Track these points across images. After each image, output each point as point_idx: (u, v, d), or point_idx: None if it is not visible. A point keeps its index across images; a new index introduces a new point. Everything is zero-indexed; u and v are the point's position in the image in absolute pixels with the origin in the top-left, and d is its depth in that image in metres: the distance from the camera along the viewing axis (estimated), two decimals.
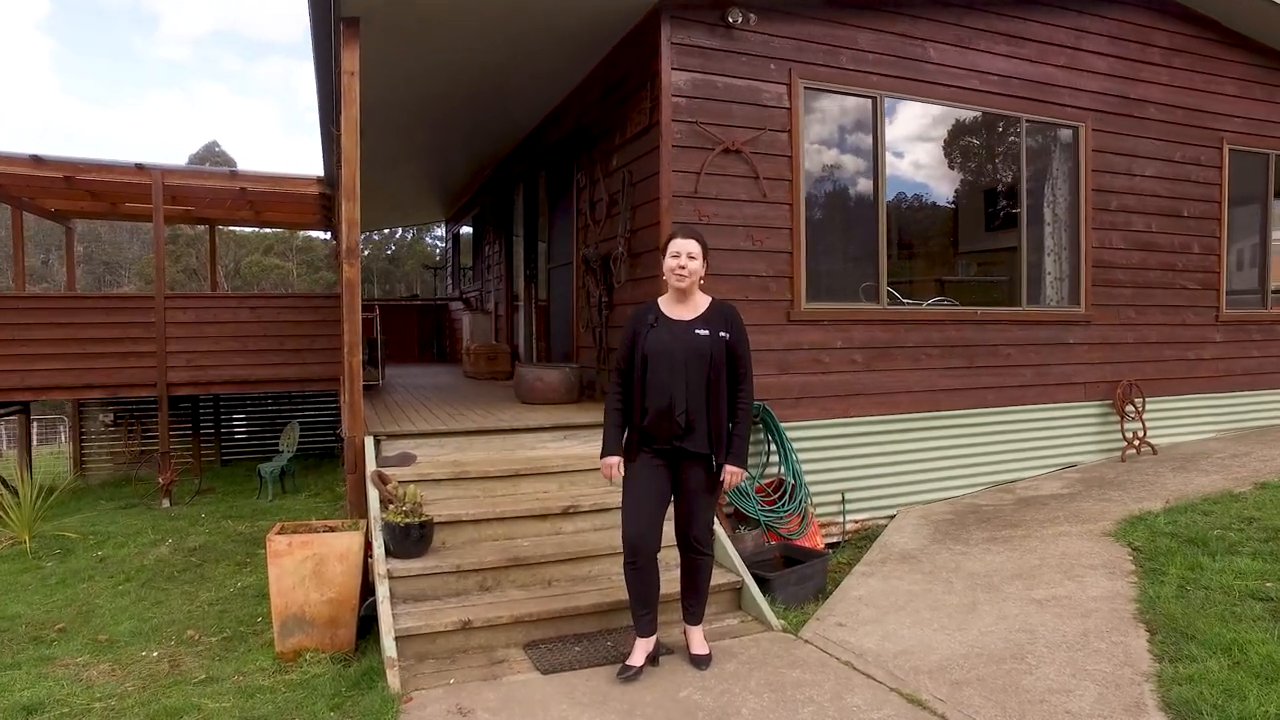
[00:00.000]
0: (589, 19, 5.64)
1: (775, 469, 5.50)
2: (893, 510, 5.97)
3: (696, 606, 3.67)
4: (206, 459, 11.50)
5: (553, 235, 8.39)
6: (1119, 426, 6.93)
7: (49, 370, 9.00)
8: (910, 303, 6.24)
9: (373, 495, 4.39)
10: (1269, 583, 3.96)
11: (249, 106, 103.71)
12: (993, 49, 6.32)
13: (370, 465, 4.65)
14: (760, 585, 4.28)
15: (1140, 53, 6.98)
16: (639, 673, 3.45)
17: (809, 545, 5.11)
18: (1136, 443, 6.89)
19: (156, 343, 9.13)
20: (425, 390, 7.96)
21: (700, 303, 3.58)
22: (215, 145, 38.49)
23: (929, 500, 6.14)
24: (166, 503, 8.77)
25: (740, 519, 5.18)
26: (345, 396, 4.98)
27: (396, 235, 39.08)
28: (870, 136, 5.96)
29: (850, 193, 6.04)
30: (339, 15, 4.75)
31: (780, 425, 5.49)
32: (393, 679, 3.41)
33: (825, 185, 5.94)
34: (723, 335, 3.50)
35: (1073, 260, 6.82)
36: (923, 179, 6.40)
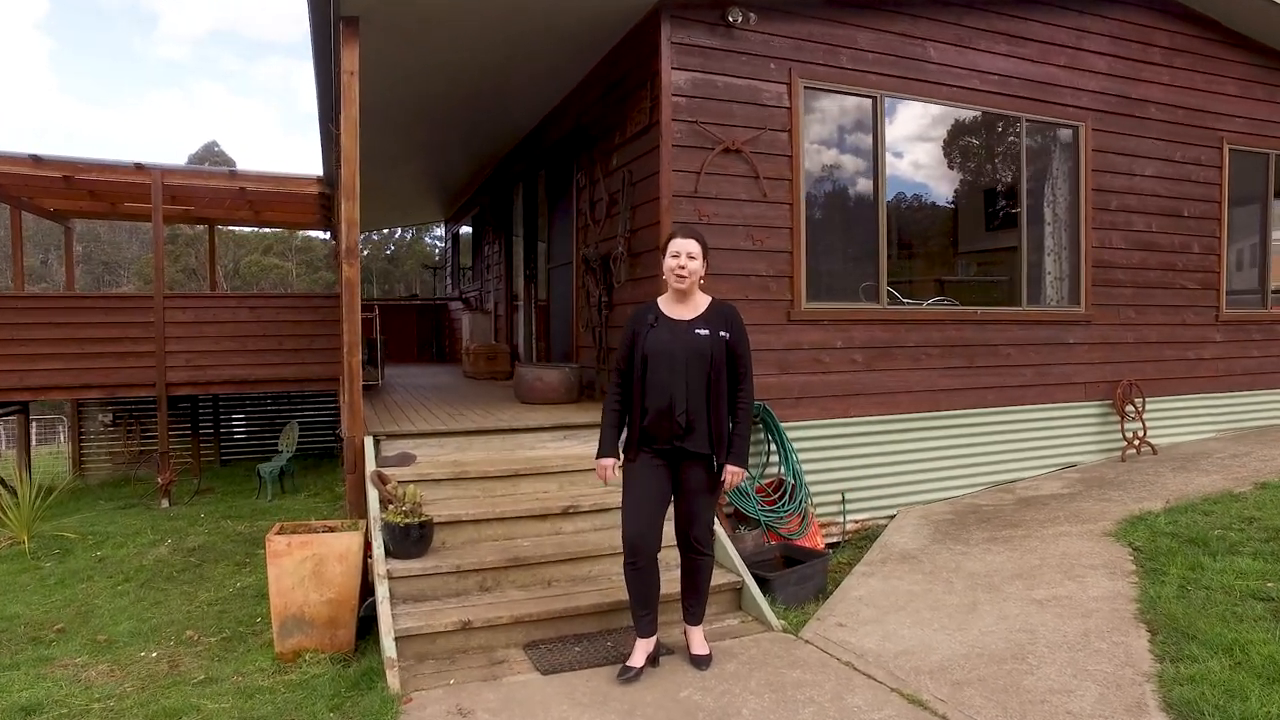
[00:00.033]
0: (589, 18, 5.63)
1: (775, 469, 5.50)
2: (893, 510, 5.97)
3: (697, 607, 3.66)
4: (206, 459, 11.49)
5: (552, 235, 8.38)
6: (1119, 426, 6.93)
7: (48, 370, 8.99)
8: (910, 302, 6.24)
9: (372, 495, 4.38)
10: (1270, 583, 3.95)
11: (248, 106, 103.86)
12: (993, 48, 6.32)
13: (370, 465, 4.64)
14: (760, 585, 4.27)
15: (1141, 52, 6.97)
16: (639, 674, 3.44)
17: (809, 545, 5.10)
18: (1136, 443, 6.89)
19: (155, 342, 9.12)
20: (425, 390, 7.95)
21: (700, 302, 3.57)
22: (214, 145, 38.52)
23: (929, 500, 6.13)
24: (165, 503, 8.76)
25: (740, 519, 5.18)
26: (345, 396, 4.97)
27: (396, 235, 39.09)
28: (870, 136, 5.96)
29: (850, 192, 6.04)
30: (338, 14, 4.74)
31: (780, 425, 5.48)
32: (392, 679, 3.40)
33: (825, 185, 5.93)
34: (723, 335, 3.49)
35: (1073, 260, 6.82)
36: (923, 179, 6.39)
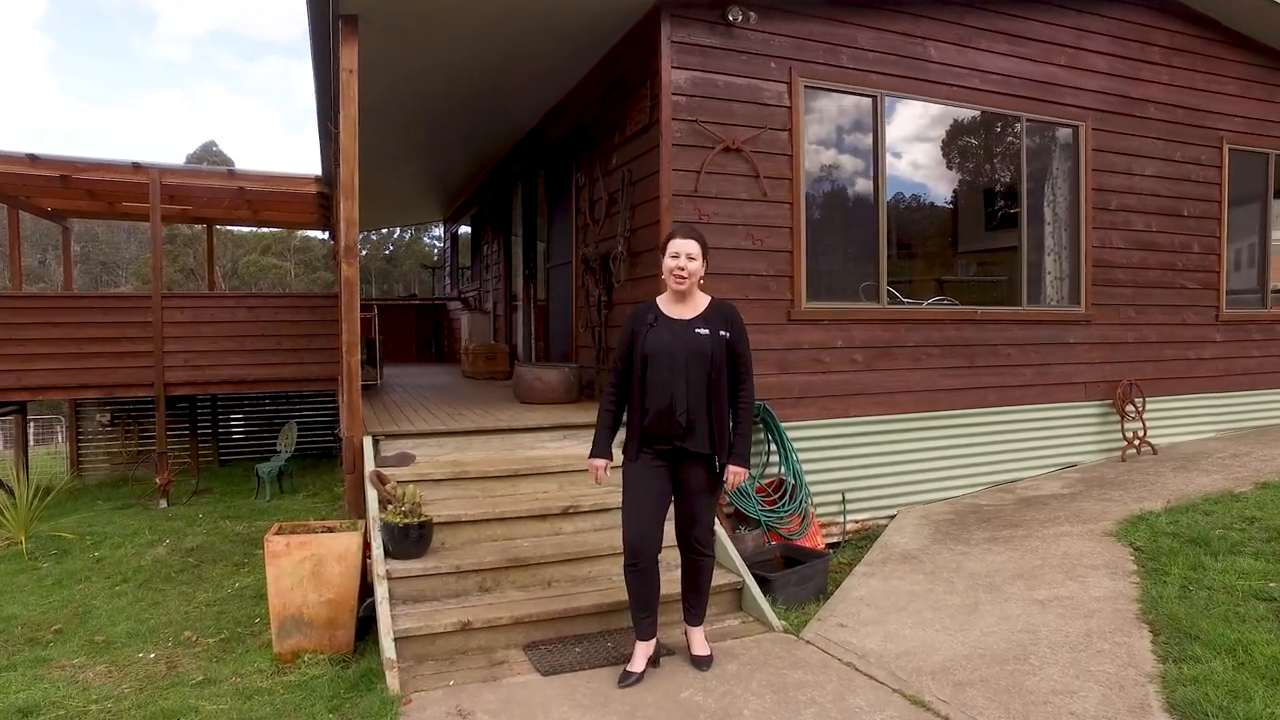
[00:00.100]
0: (589, 18, 5.62)
1: (776, 469, 5.48)
2: (893, 510, 5.95)
3: (698, 607, 3.65)
4: (204, 459, 11.47)
5: (551, 234, 8.37)
6: (1119, 426, 6.92)
7: (46, 370, 8.97)
8: (910, 302, 6.23)
9: (371, 495, 4.37)
10: (1272, 583, 3.94)
11: (247, 106, 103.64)
12: (994, 48, 6.31)
13: (369, 465, 4.63)
14: (761, 586, 4.26)
15: (1141, 52, 6.97)
16: (641, 678, 3.42)
17: (810, 545, 5.09)
18: (1137, 442, 6.88)
19: (154, 342, 9.11)
20: (424, 390, 7.93)
21: (700, 302, 3.56)
22: (213, 145, 38.42)
23: (929, 500, 6.12)
24: (164, 503, 8.74)
25: (741, 519, 5.16)
26: (343, 396, 4.96)
27: (394, 235, 39.05)
28: (870, 135, 5.95)
29: (850, 192, 6.03)
30: (337, 13, 4.73)
31: (780, 425, 5.47)
32: (392, 680, 3.38)
33: (825, 184, 5.92)
34: (723, 334, 3.48)
35: (1073, 260, 6.81)
36: (923, 178, 6.38)
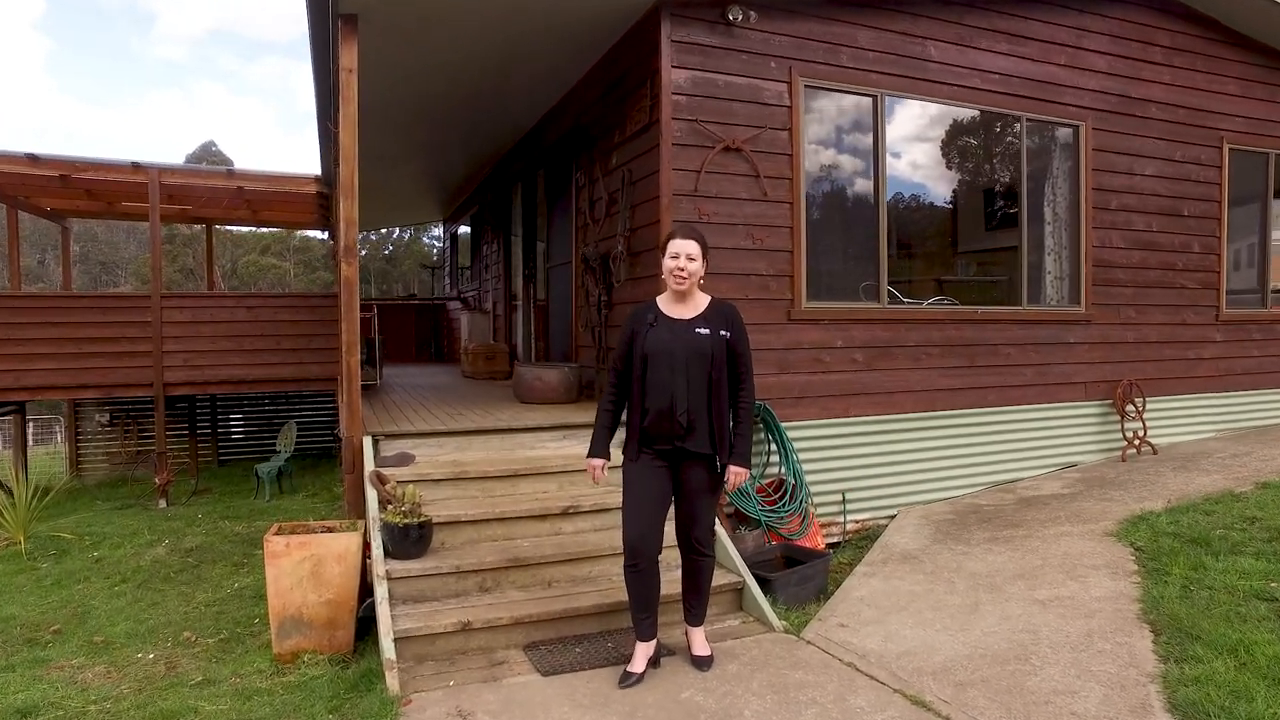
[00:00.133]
0: (589, 17, 5.61)
1: (776, 469, 5.48)
2: (893, 510, 5.95)
3: (698, 607, 3.64)
4: (203, 459, 11.46)
5: (551, 234, 8.36)
6: (1119, 426, 6.92)
7: (44, 370, 8.96)
8: (910, 302, 6.22)
9: (371, 495, 4.36)
10: (1273, 583, 3.94)
11: (246, 106, 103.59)
12: (994, 47, 6.30)
13: (368, 465, 4.62)
14: (761, 586, 4.25)
15: (1142, 52, 6.96)
16: (641, 679, 3.41)
17: (810, 545, 5.08)
18: (1137, 442, 6.87)
19: (153, 342, 9.10)
20: (423, 390, 7.93)
21: (700, 301, 3.55)
22: (212, 145, 38.39)
23: (929, 500, 6.12)
24: (163, 503, 8.73)
25: (741, 519, 5.16)
26: (343, 396, 4.95)
27: (394, 235, 39.04)
28: (871, 135, 5.94)
29: (850, 191, 6.02)
30: (336, 12, 4.72)
31: (781, 425, 5.46)
32: (392, 681, 3.37)
33: (825, 184, 5.92)
34: (723, 334, 3.47)
35: (1073, 259, 6.80)
36: (923, 178, 6.37)
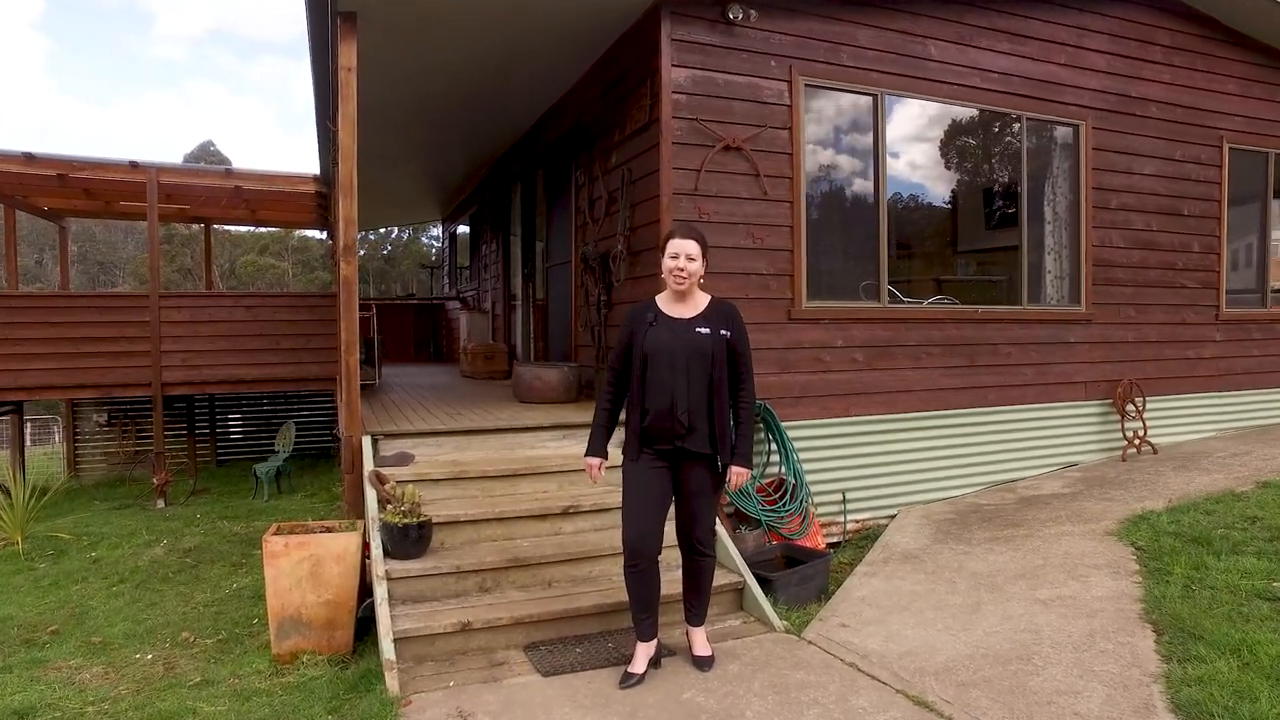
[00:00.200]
0: (589, 16, 5.60)
1: (776, 468, 5.47)
2: (894, 510, 5.94)
3: (699, 607, 3.63)
4: (202, 459, 11.44)
5: (550, 234, 8.34)
6: (1119, 426, 6.91)
7: (42, 370, 8.94)
8: (911, 301, 6.21)
9: (370, 495, 4.34)
10: (1275, 582, 3.93)
11: (245, 106, 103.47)
12: (994, 46, 6.29)
13: (368, 465, 4.60)
14: (762, 586, 4.24)
15: (1141, 51, 6.95)
16: (642, 679, 3.40)
17: (810, 545, 5.07)
18: (1137, 442, 6.87)
19: (151, 342, 9.07)
20: (422, 390, 7.91)
21: (700, 301, 3.53)
22: (210, 145, 38.28)
23: (930, 500, 6.11)
24: (161, 503, 8.70)
25: (741, 519, 5.15)
26: (342, 396, 4.93)
27: (392, 235, 39.01)
28: (871, 134, 5.93)
29: (851, 191, 6.01)
30: (335, 10, 4.71)
31: (781, 424, 5.45)
32: (391, 681, 3.36)
33: (825, 183, 5.90)
34: (724, 334, 3.46)
35: (1073, 259, 6.79)
36: (923, 178, 6.36)
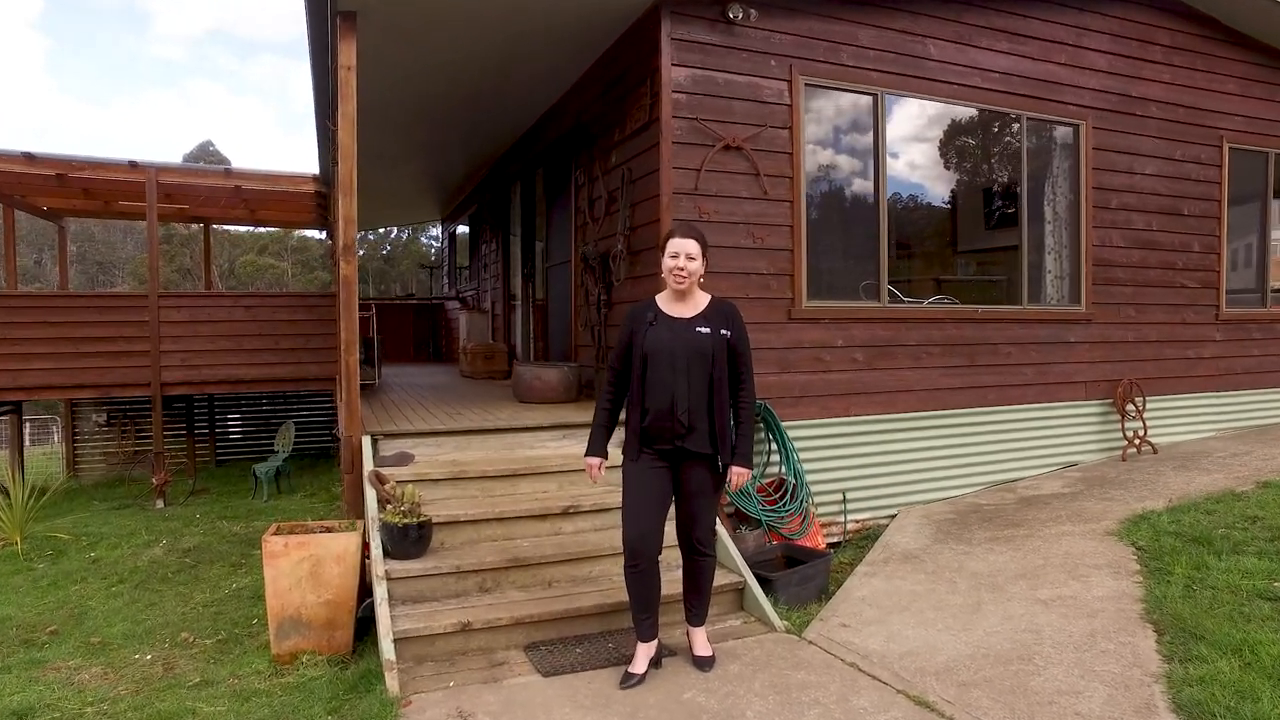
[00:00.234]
0: (588, 16, 5.59)
1: (776, 468, 5.46)
2: (894, 510, 5.93)
3: (699, 607, 3.62)
4: (201, 459, 11.43)
5: (550, 233, 8.34)
6: (1119, 425, 6.91)
7: (41, 370, 8.93)
8: (911, 301, 6.21)
9: (370, 495, 4.33)
10: (1276, 582, 3.93)
11: (244, 106, 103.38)
12: (994, 46, 6.29)
13: (367, 465, 4.59)
14: (763, 586, 4.23)
15: (1141, 51, 6.95)
16: (643, 680, 3.39)
17: (810, 545, 5.06)
18: (1137, 442, 6.86)
19: (150, 342, 9.06)
20: (422, 389, 7.90)
21: (700, 300, 3.53)
22: (210, 145, 38.26)
23: (930, 500, 6.10)
24: (160, 503, 8.69)
25: (741, 519, 5.14)
26: (342, 395, 4.93)
27: (391, 235, 39.00)
28: (871, 134, 5.92)
29: (851, 190, 6.00)
30: (335, 10, 4.70)
31: (781, 424, 5.44)
32: (391, 682, 3.35)
33: (825, 183, 5.90)
34: (724, 333, 3.45)
35: (1073, 259, 6.79)
36: (923, 178, 6.35)
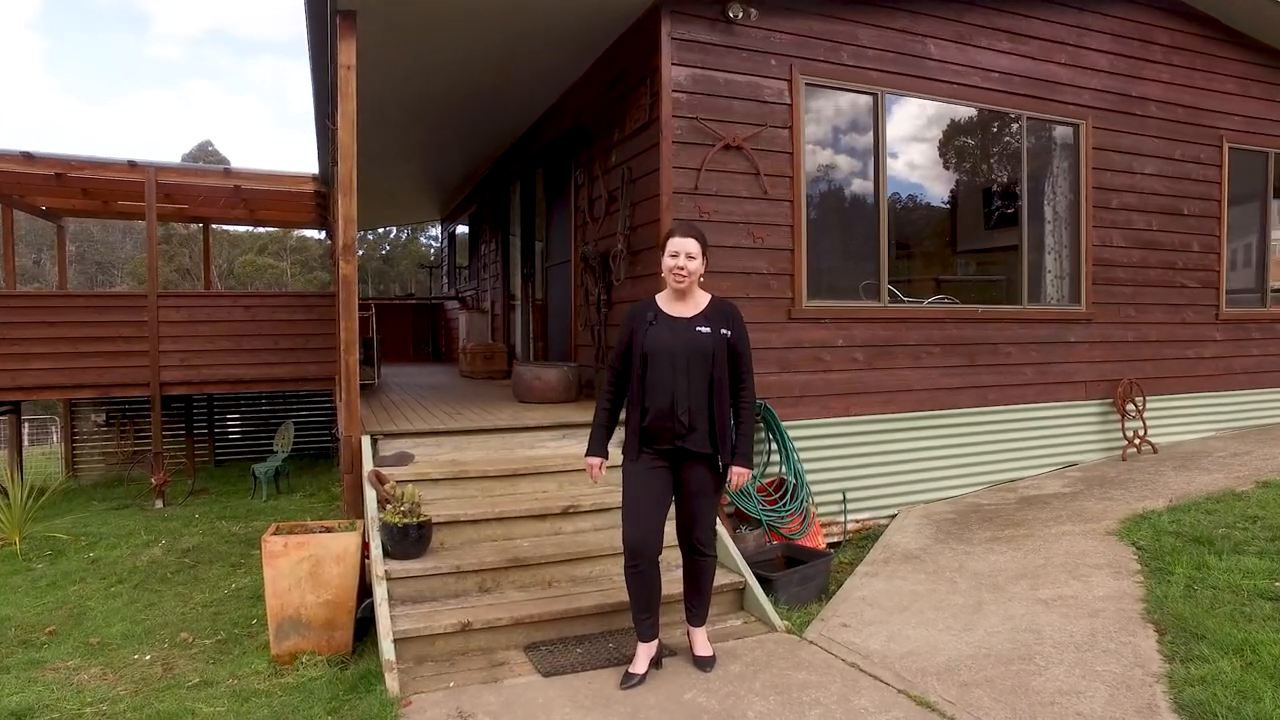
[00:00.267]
0: (588, 15, 5.58)
1: (777, 468, 5.45)
2: (894, 510, 5.93)
3: (700, 608, 3.62)
4: (200, 459, 11.42)
5: (550, 233, 8.33)
6: (1119, 425, 6.90)
7: (40, 370, 8.92)
8: (911, 301, 6.20)
9: (370, 495, 4.33)
10: (1277, 582, 3.92)
11: (242, 106, 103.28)
12: (994, 45, 6.29)
13: (367, 465, 4.58)
14: (763, 586, 4.23)
15: (1141, 50, 6.95)
16: (643, 680, 3.39)
17: (811, 545, 5.06)
18: (1137, 441, 6.86)
19: (149, 342, 9.05)
20: (421, 389, 7.89)
21: (700, 300, 3.52)
22: (209, 145, 38.27)
23: (930, 499, 6.10)
24: (159, 503, 8.68)
25: (741, 518, 5.13)
26: (341, 395, 4.92)
27: (391, 235, 38.99)
28: (871, 133, 5.92)
29: (851, 190, 6.00)
30: (335, 8, 4.69)
31: (781, 424, 5.44)
32: (391, 682, 3.34)
33: (826, 182, 5.89)
34: (724, 333, 3.44)
35: (1073, 258, 6.79)
36: (923, 177, 6.35)
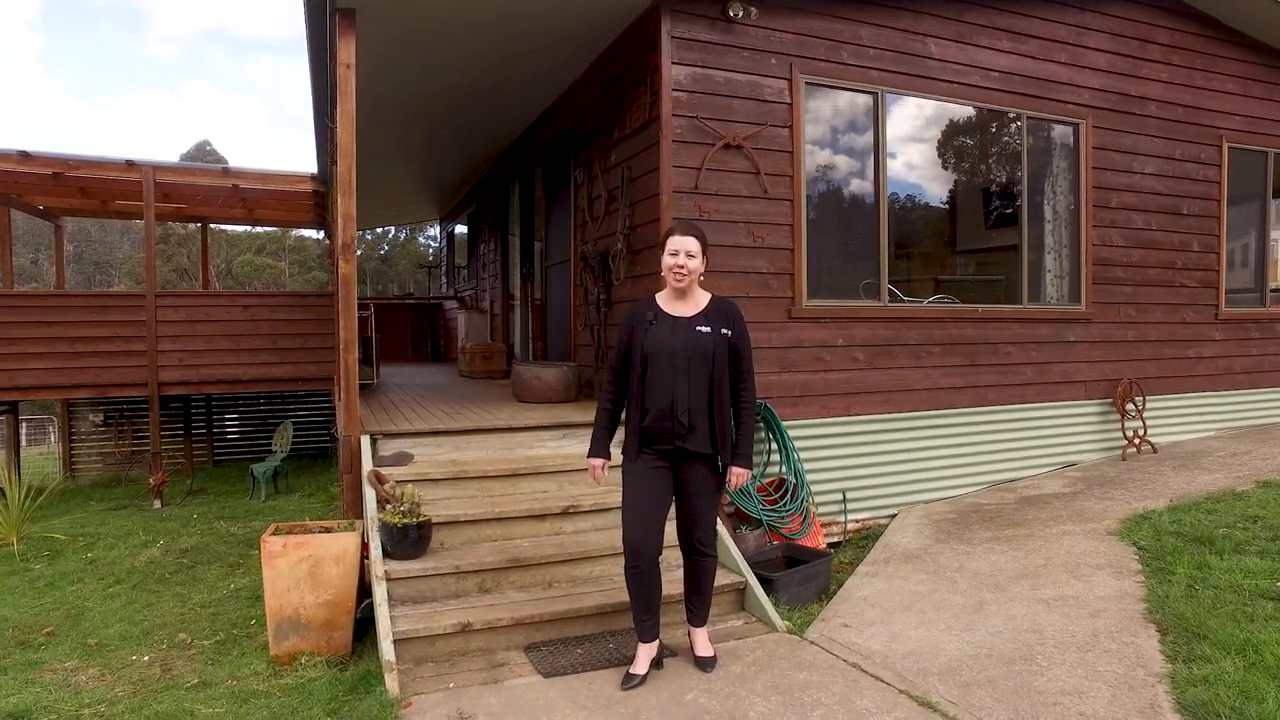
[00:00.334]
0: (588, 14, 5.57)
1: (777, 468, 5.44)
2: (894, 509, 5.92)
3: (700, 608, 3.60)
4: (198, 459, 11.41)
5: (549, 233, 8.32)
6: (1119, 425, 6.90)
7: (38, 370, 8.90)
8: (911, 301, 6.19)
9: (369, 495, 4.31)
10: (1279, 581, 3.92)
11: (241, 105, 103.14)
12: (994, 45, 6.28)
13: (366, 465, 4.57)
14: (764, 586, 4.22)
15: (1141, 50, 6.95)
16: (644, 680, 3.38)
17: (811, 545, 5.05)
18: (1137, 441, 6.86)
19: (147, 341, 9.03)
20: (421, 389, 7.88)
21: (700, 299, 3.51)
22: (207, 144, 38.20)
23: (930, 499, 6.09)
24: (158, 504, 8.66)
25: (742, 518, 5.12)
26: (340, 395, 4.90)
27: (389, 235, 38.94)
28: (871, 133, 5.91)
29: (851, 189, 5.99)
30: (334, 6, 4.67)
31: (781, 423, 5.43)
32: (391, 683, 3.33)
33: (826, 182, 5.88)
34: (724, 332, 3.43)
35: (1073, 258, 6.78)
36: (922, 177, 6.34)
